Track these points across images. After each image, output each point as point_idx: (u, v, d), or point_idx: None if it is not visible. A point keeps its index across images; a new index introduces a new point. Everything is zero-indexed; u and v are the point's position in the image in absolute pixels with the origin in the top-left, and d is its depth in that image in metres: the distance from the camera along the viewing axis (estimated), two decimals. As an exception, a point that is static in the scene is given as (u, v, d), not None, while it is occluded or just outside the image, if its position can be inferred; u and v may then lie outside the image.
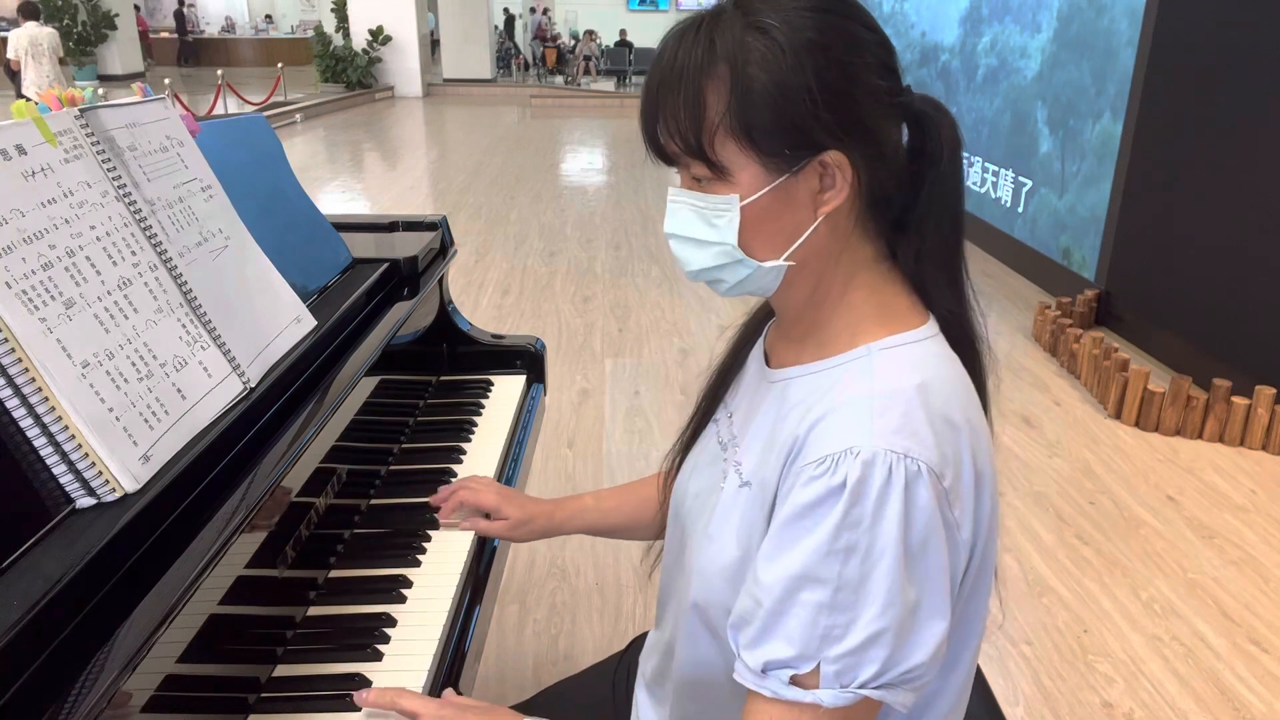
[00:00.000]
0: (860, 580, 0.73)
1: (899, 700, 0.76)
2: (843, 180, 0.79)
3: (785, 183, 0.79)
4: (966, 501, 0.77)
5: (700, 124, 0.78)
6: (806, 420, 0.80)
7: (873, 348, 0.82)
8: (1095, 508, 2.88)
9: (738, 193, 0.79)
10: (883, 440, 0.74)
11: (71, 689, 0.69)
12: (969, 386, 0.82)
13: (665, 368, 3.94)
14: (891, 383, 0.78)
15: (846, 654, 0.74)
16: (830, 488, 0.74)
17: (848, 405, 0.78)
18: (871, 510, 0.73)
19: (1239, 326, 3.53)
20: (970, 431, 0.78)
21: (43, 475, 0.80)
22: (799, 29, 0.76)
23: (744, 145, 0.78)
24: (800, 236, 0.81)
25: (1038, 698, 2.08)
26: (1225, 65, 3.64)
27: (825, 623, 0.74)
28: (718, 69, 0.77)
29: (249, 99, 12.77)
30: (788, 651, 0.75)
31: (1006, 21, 5.55)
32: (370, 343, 1.33)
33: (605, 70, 19.17)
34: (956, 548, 0.77)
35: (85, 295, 0.88)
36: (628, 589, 2.42)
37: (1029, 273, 5.25)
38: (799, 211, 0.80)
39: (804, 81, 0.75)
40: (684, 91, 0.78)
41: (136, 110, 1.07)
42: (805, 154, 0.77)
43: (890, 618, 0.73)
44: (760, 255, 0.82)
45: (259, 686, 0.99)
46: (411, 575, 1.18)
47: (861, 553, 0.73)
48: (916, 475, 0.73)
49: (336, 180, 8.52)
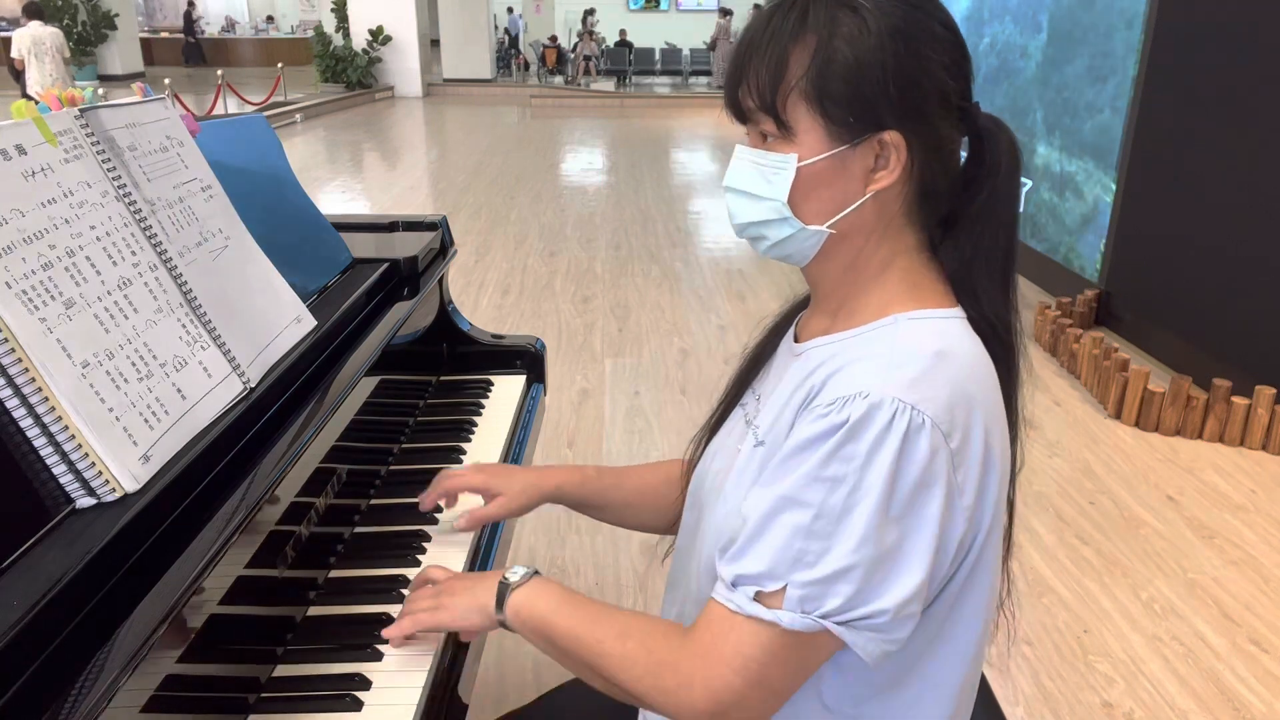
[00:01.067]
0: (841, 512, 0.75)
1: (859, 645, 0.77)
2: (896, 161, 0.83)
3: (843, 152, 0.83)
4: (972, 471, 0.78)
5: (779, 83, 0.82)
6: (824, 372, 0.83)
7: (899, 317, 0.85)
8: (1095, 508, 2.88)
9: (798, 153, 0.83)
10: (894, 389, 0.76)
11: (71, 689, 0.69)
12: (990, 370, 0.84)
13: (665, 368, 3.94)
14: (914, 343, 0.81)
15: (814, 581, 0.76)
16: (833, 424, 0.77)
17: (868, 358, 0.81)
18: (867, 449, 0.75)
19: (1239, 326, 3.53)
20: (985, 410, 0.80)
21: (43, 475, 0.80)
22: (887, 14, 0.81)
23: (813, 109, 0.82)
24: (848, 207, 0.85)
25: (1038, 698, 2.08)
26: (1225, 65, 3.64)
27: (799, 545, 0.76)
28: (806, 37, 0.82)
29: (249, 99, 12.77)
30: (758, 567, 0.78)
31: (1006, 21, 5.55)
32: (370, 343, 1.33)
33: (605, 70, 19.17)
34: (955, 511, 0.78)
35: (85, 295, 0.88)
36: (628, 589, 2.42)
37: (1029, 273, 5.25)
38: (850, 183, 0.84)
39: (881, 60, 0.80)
40: (770, 53, 0.83)
41: (136, 110, 1.07)
42: (867, 128, 0.82)
43: (863, 555, 0.75)
44: (806, 218, 0.85)
45: (259, 686, 0.99)
46: (411, 575, 1.18)
47: (848, 486, 0.75)
48: (920, 427, 0.75)
49: (336, 180, 8.52)
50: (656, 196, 7.75)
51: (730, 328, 4.42)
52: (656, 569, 2.49)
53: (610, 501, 1.24)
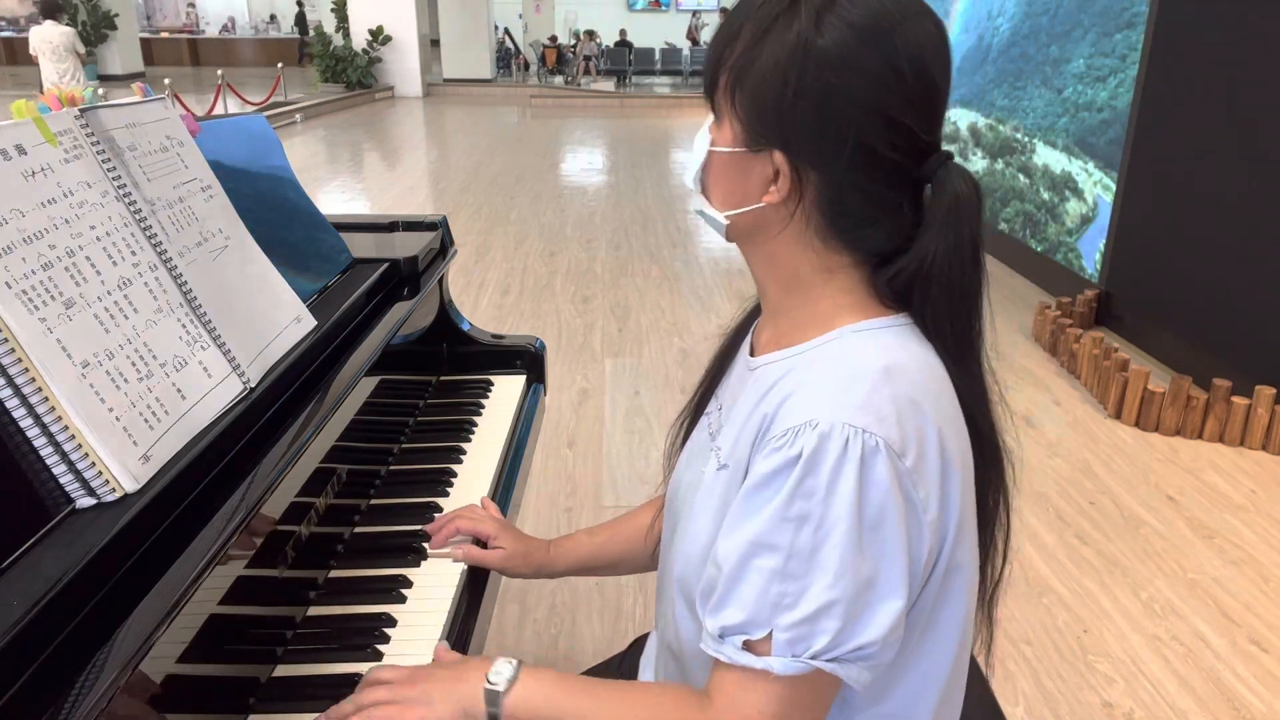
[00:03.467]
0: (812, 549, 0.74)
1: (853, 677, 0.76)
2: (783, 182, 0.81)
3: (744, 156, 0.82)
4: (931, 482, 0.77)
5: (719, 64, 0.83)
6: (777, 398, 0.82)
7: (844, 330, 0.83)
8: (1095, 508, 2.88)
9: (714, 137, 0.85)
10: (842, 414, 0.75)
11: (71, 689, 0.69)
12: (941, 375, 0.82)
13: (665, 368, 3.94)
14: (858, 361, 0.79)
15: (798, 623, 0.75)
16: (788, 459, 0.76)
17: (814, 382, 0.80)
18: (826, 482, 0.74)
19: (1239, 326, 3.53)
20: (938, 416, 0.78)
21: (43, 475, 0.80)
22: (818, 30, 0.76)
23: (730, 101, 0.82)
24: (744, 207, 0.85)
25: (1038, 698, 2.08)
26: (1226, 65, 3.64)
27: (777, 589, 0.75)
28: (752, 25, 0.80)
29: (249, 99, 12.77)
30: (741, 617, 0.77)
31: (1002, 20, 5.56)
32: (370, 343, 1.33)
33: (605, 70, 19.17)
34: (920, 528, 0.77)
35: (85, 295, 0.88)
36: (627, 589, 2.42)
37: (1029, 273, 5.25)
38: (749, 186, 0.84)
39: (791, 78, 0.77)
40: (727, 28, 0.82)
41: (136, 110, 1.07)
42: (762, 142, 0.81)
43: (842, 589, 0.74)
44: (713, 200, 0.87)
45: (259, 686, 0.99)
46: (411, 575, 1.18)
47: (814, 522, 0.74)
48: (874, 450, 0.74)
49: (336, 180, 8.52)
50: (656, 196, 7.75)
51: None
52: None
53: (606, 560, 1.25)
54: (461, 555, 1.22)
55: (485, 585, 1.23)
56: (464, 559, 1.22)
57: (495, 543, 1.24)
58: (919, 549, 0.77)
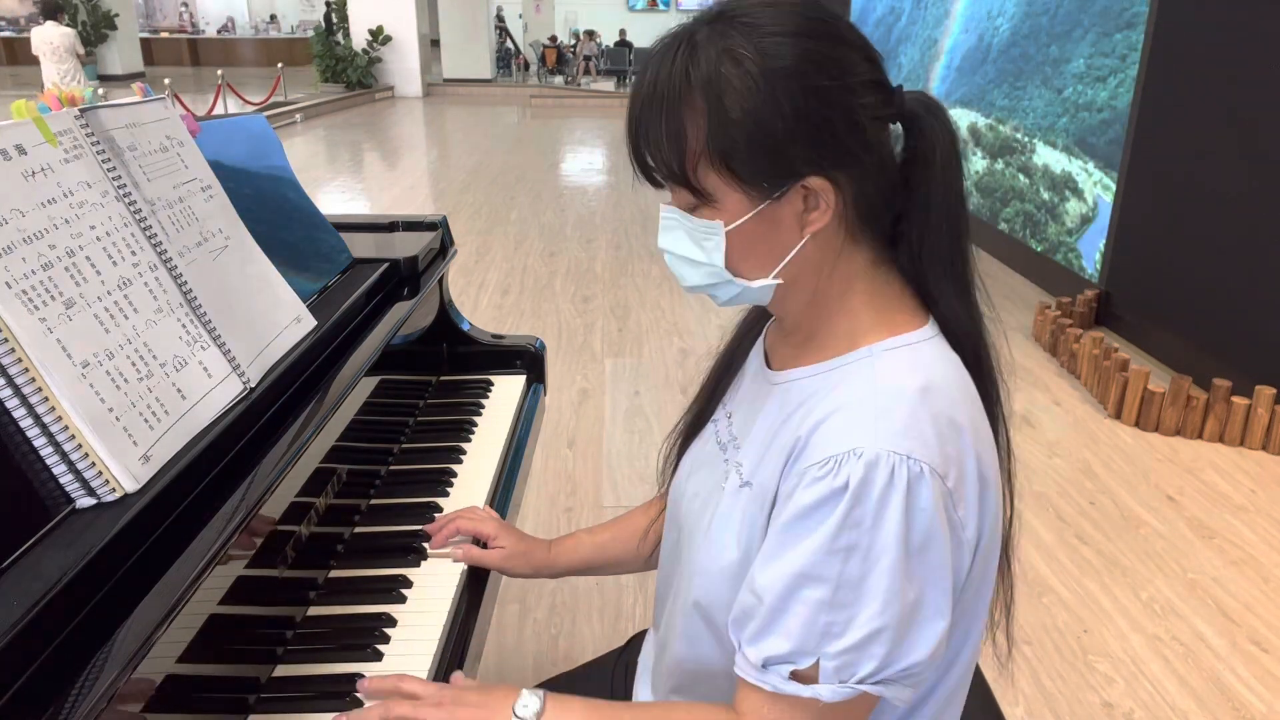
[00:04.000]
0: (860, 578, 0.74)
1: (897, 696, 0.77)
2: (825, 203, 0.79)
3: (769, 208, 0.79)
4: (971, 501, 0.77)
5: (683, 154, 0.78)
6: (809, 421, 0.80)
7: (875, 349, 0.82)
8: (1095, 508, 2.88)
9: (722, 219, 0.80)
10: (886, 441, 0.74)
11: (71, 689, 0.69)
12: (971, 389, 0.82)
13: (665, 368, 3.94)
14: (895, 384, 0.78)
15: (846, 650, 0.75)
16: (833, 489, 0.75)
17: (851, 406, 0.78)
18: (873, 511, 0.73)
19: (1239, 326, 3.53)
20: (973, 433, 0.79)
21: (43, 475, 0.80)
22: (774, 57, 0.75)
23: (724, 174, 0.78)
24: (787, 255, 0.82)
25: (1038, 698, 2.08)
26: (1225, 65, 3.64)
27: (825, 620, 0.75)
28: (694, 99, 0.77)
29: (249, 99, 12.77)
30: (788, 647, 0.76)
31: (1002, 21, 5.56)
32: (370, 343, 1.33)
33: (605, 70, 19.17)
34: (960, 546, 0.77)
35: (85, 295, 0.88)
36: (627, 589, 2.42)
37: (1029, 273, 5.25)
38: (785, 233, 0.81)
39: (779, 111, 0.75)
40: (664, 120, 0.78)
41: (136, 110, 1.07)
42: (785, 181, 0.78)
43: (890, 616, 0.74)
44: (749, 275, 0.83)
45: (259, 686, 0.99)
46: (411, 575, 1.18)
47: (862, 552, 0.74)
48: (919, 476, 0.74)
49: (336, 180, 8.52)
50: (656, 196, 7.61)
51: (730, 328, 4.41)
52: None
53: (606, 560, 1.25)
54: (461, 555, 1.22)
55: (485, 585, 1.23)
56: (464, 559, 1.22)
57: (495, 542, 1.25)
58: (960, 567, 0.78)
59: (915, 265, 0.84)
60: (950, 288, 0.84)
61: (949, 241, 0.83)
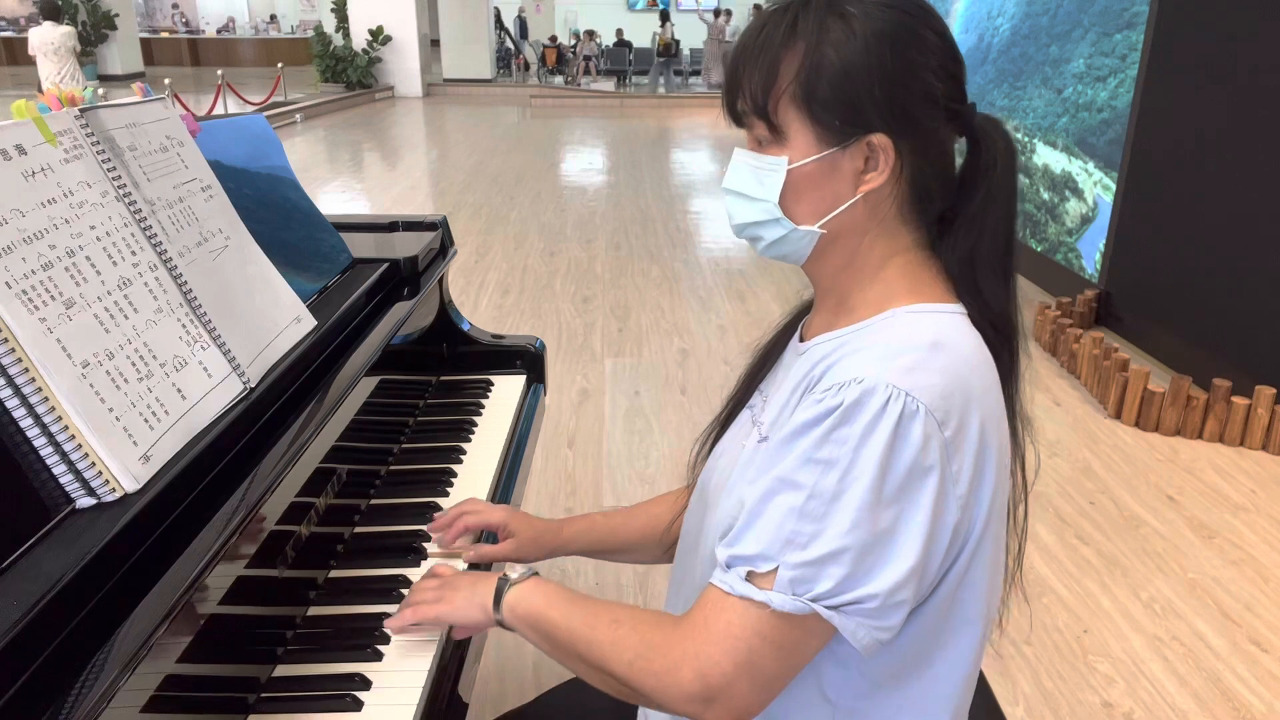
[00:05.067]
0: (834, 495, 0.76)
1: (850, 631, 0.77)
2: (885, 163, 0.84)
3: (833, 155, 0.85)
4: (967, 460, 0.79)
5: (770, 88, 0.85)
6: (825, 365, 0.85)
7: (898, 311, 0.86)
8: (1095, 508, 2.88)
9: (788, 155, 0.86)
10: (889, 375, 0.78)
11: (71, 689, 0.69)
12: (990, 367, 0.85)
13: (665, 368, 3.94)
14: (911, 333, 0.83)
15: (805, 564, 0.77)
16: (828, 408, 0.78)
17: (866, 349, 0.83)
18: (860, 432, 0.76)
19: (1239, 326, 3.53)
20: (982, 404, 0.81)
21: (43, 475, 0.80)
22: (874, 19, 0.82)
23: (802, 113, 0.84)
24: (838, 208, 0.86)
25: (1038, 698, 2.08)
26: (1225, 65, 3.64)
27: (792, 527, 0.77)
28: (796, 43, 0.84)
29: (249, 99, 12.77)
30: (751, 549, 0.79)
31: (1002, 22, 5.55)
32: (370, 343, 1.33)
33: (605, 70, 19.16)
34: (949, 499, 0.79)
35: (85, 295, 0.88)
36: (627, 589, 2.42)
37: (1029, 273, 5.25)
38: (840, 185, 0.86)
39: (866, 65, 0.82)
40: (762, 59, 0.85)
41: (136, 110, 1.07)
42: (855, 131, 0.83)
43: (855, 538, 0.76)
44: (798, 218, 0.88)
45: (259, 686, 0.99)
46: (411, 575, 1.18)
47: (840, 468, 0.76)
48: (914, 414, 0.76)
49: (336, 180, 8.52)
50: (656, 196, 7.75)
51: (730, 328, 4.42)
52: (657, 569, 2.49)
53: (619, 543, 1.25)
54: (474, 556, 1.21)
55: (485, 585, 1.23)
56: (477, 559, 1.21)
57: (506, 531, 1.23)
58: (945, 518, 0.79)
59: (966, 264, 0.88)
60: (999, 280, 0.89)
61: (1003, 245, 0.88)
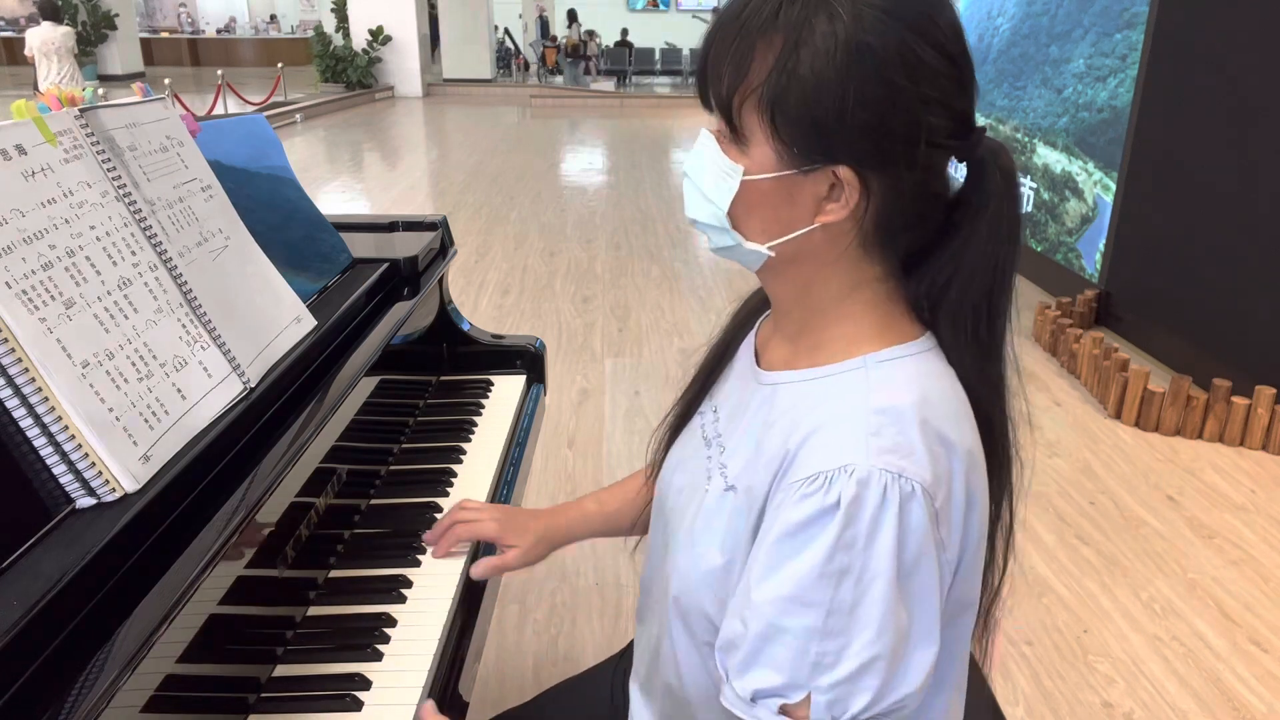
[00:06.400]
0: (854, 604, 0.71)
1: None
2: (847, 200, 0.75)
3: (792, 178, 0.75)
4: (955, 521, 0.75)
5: (738, 82, 0.74)
6: (798, 432, 0.77)
7: (869, 359, 0.79)
8: (1095, 508, 2.88)
9: (745, 165, 0.76)
10: (878, 459, 0.71)
11: (71, 689, 0.69)
12: (965, 404, 0.79)
13: (665, 368, 3.94)
14: (887, 399, 0.75)
15: (839, 683, 0.71)
16: (824, 506, 0.71)
17: (842, 420, 0.75)
18: (866, 530, 0.70)
19: (1239, 326, 3.53)
20: (965, 452, 0.76)
21: (43, 475, 0.80)
22: (864, 27, 0.70)
23: (765, 123, 0.74)
24: (792, 233, 0.77)
25: (1038, 698, 2.08)
26: (1225, 65, 3.64)
27: (816, 649, 0.72)
28: (773, 36, 0.72)
29: (249, 99, 12.77)
30: (777, 680, 0.73)
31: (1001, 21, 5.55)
32: (370, 343, 1.33)
33: (605, 70, 19.16)
34: (943, 568, 0.74)
35: (85, 295, 0.88)
36: (628, 589, 2.42)
37: (1029, 273, 5.25)
38: (798, 209, 0.76)
39: (842, 88, 0.70)
40: (737, 44, 0.74)
41: (136, 110, 1.07)
42: (818, 159, 0.73)
43: (884, 644, 0.71)
44: (747, 233, 0.79)
45: (259, 686, 0.99)
46: (411, 575, 1.18)
47: (855, 575, 0.71)
48: (910, 495, 0.71)
49: (336, 180, 8.52)
50: (656, 196, 7.75)
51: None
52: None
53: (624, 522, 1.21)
54: (481, 572, 1.18)
55: (485, 585, 1.23)
56: (484, 574, 1.19)
57: (504, 542, 1.19)
58: (943, 588, 0.75)
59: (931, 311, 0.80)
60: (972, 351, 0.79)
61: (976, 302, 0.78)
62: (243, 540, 0.96)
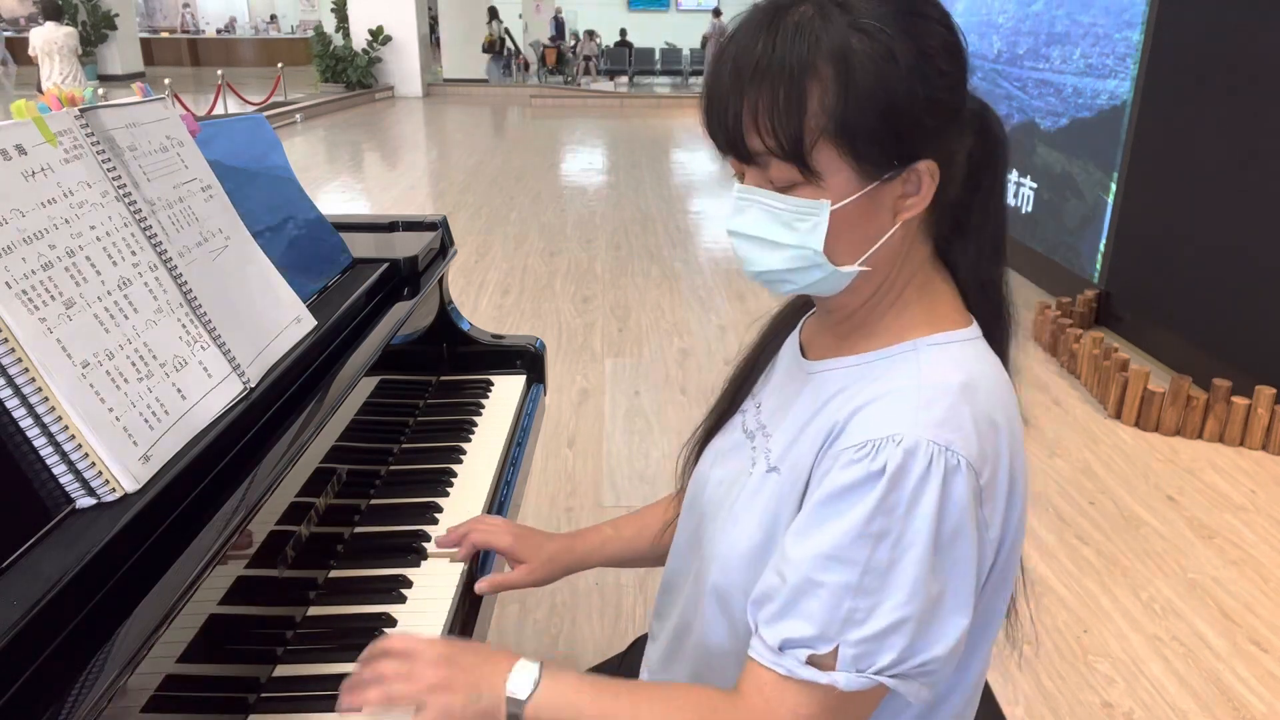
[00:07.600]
0: (889, 566, 0.74)
1: (913, 692, 0.76)
2: (927, 189, 0.78)
3: (874, 189, 0.77)
4: (999, 501, 0.77)
5: (801, 126, 0.73)
6: (848, 407, 0.81)
7: (920, 343, 0.82)
8: (1095, 508, 2.88)
9: (828, 198, 0.76)
10: (926, 430, 0.74)
11: (71, 689, 0.69)
12: (1010, 389, 0.83)
13: (665, 368, 3.94)
14: (939, 377, 0.79)
15: (867, 639, 0.74)
16: (870, 472, 0.74)
17: (893, 394, 0.79)
18: (908, 498, 0.73)
19: (1239, 326, 3.53)
20: (1009, 434, 0.79)
21: (43, 475, 0.80)
22: (906, 35, 0.74)
23: (844, 151, 0.75)
24: (878, 242, 0.80)
25: (1038, 698, 2.08)
26: (1225, 65, 3.64)
27: (849, 605, 0.74)
28: (821, 70, 0.73)
29: (249, 99, 12.76)
30: (808, 630, 0.75)
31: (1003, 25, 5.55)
32: (370, 343, 1.33)
33: (605, 70, 19.16)
34: (984, 545, 0.77)
35: (85, 295, 0.88)
36: (627, 589, 2.42)
37: (1029, 273, 5.25)
38: (880, 217, 0.79)
39: (910, 88, 0.73)
40: (783, 89, 0.73)
41: (136, 110, 1.07)
42: (902, 161, 0.76)
43: (914, 607, 0.73)
44: (839, 260, 0.80)
45: (259, 686, 0.99)
46: (411, 575, 1.18)
47: (893, 539, 0.74)
48: (955, 469, 0.74)
49: (336, 180, 8.52)
50: (656, 196, 7.75)
51: (730, 328, 4.42)
52: (657, 570, 2.48)
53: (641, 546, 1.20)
54: (487, 586, 1.18)
55: (485, 585, 1.23)
56: (490, 589, 1.18)
57: (516, 557, 1.18)
58: (983, 565, 0.77)
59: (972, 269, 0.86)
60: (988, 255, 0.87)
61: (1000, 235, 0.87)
62: (243, 540, 0.96)
